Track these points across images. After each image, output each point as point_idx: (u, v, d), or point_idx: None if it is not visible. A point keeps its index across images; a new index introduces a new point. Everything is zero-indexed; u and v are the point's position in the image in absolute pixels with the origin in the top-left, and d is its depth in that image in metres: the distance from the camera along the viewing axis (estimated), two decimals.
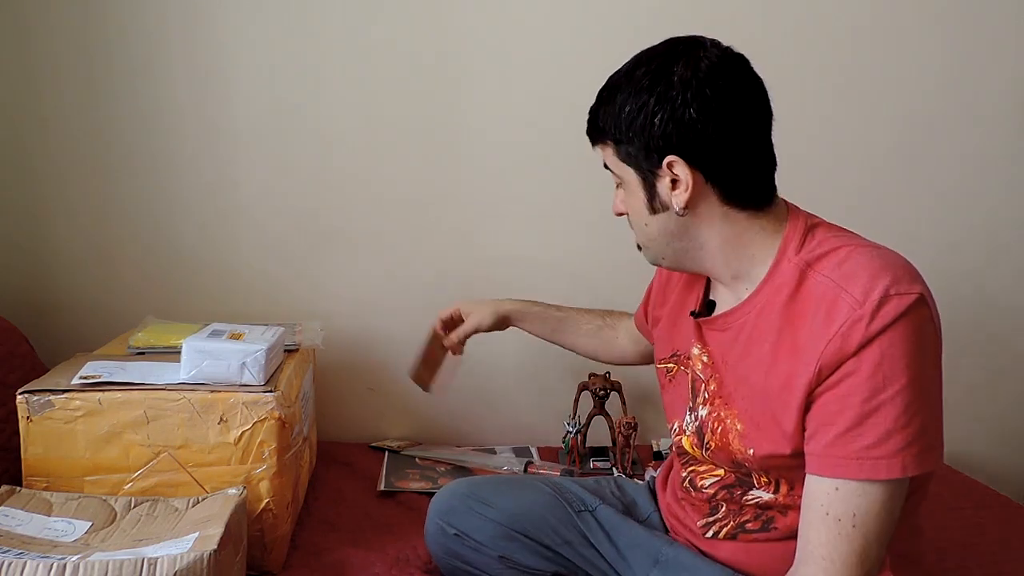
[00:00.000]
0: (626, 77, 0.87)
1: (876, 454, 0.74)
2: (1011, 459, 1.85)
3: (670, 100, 0.82)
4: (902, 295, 0.75)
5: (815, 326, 0.78)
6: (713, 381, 0.93)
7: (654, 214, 0.88)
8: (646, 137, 0.84)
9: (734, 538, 0.94)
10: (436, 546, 1.14)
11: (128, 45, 1.57)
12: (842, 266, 0.79)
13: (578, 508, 1.11)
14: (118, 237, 1.65)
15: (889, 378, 0.73)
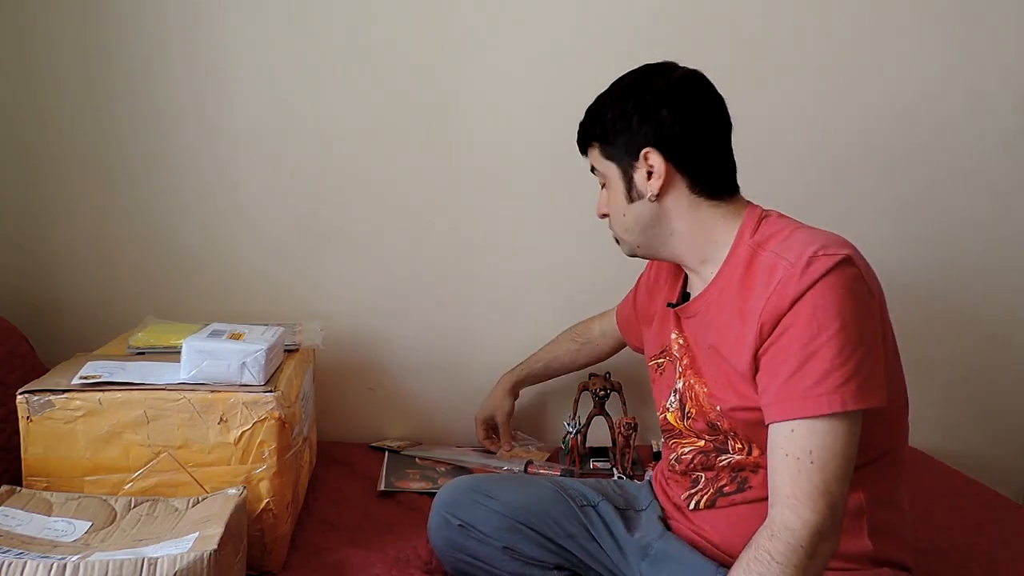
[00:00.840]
0: (609, 91, 1.05)
1: (818, 391, 0.82)
2: (1011, 459, 1.85)
3: (646, 103, 0.98)
4: (830, 255, 0.85)
5: (758, 289, 0.90)
6: (686, 357, 1.06)
7: (631, 203, 1.02)
8: (627, 134, 0.99)
9: (713, 505, 1.01)
10: (440, 539, 1.15)
11: (128, 45, 1.57)
12: (784, 242, 0.91)
13: (581, 503, 1.15)
14: (118, 237, 1.65)
15: (823, 324, 0.82)
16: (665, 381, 1.12)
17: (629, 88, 1.01)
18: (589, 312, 1.60)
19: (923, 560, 1.21)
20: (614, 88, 1.04)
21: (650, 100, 0.98)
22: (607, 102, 1.03)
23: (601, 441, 1.68)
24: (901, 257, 1.75)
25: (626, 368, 1.64)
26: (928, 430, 1.77)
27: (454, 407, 1.74)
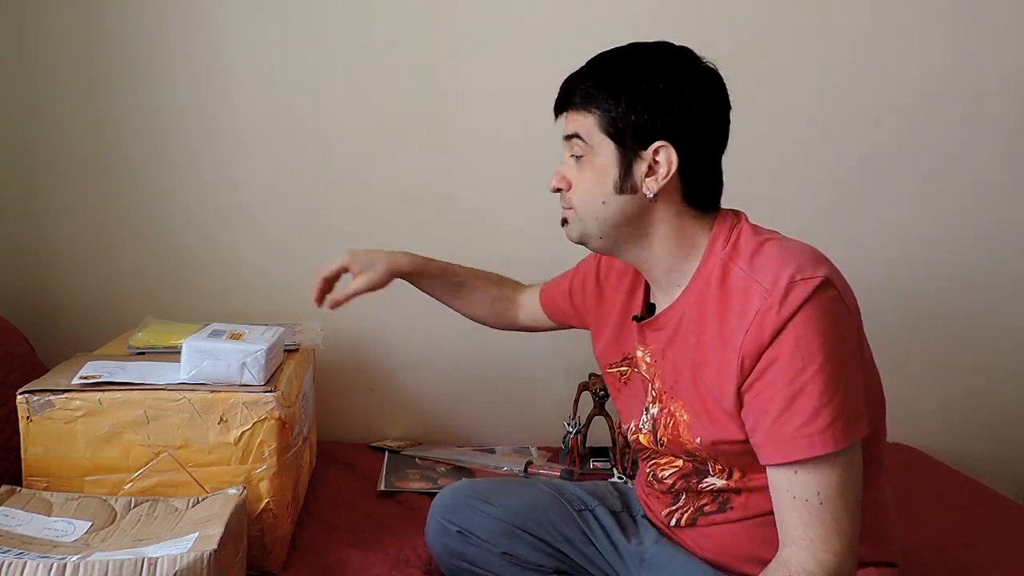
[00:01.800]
0: (628, 56, 0.89)
1: (808, 431, 0.78)
2: (1011, 459, 1.85)
3: (679, 89, 0.86)
4: (807, 279, 0.80)
5: (734, 317, 0.84)
6: (657, 379, 0.98)
7: (619, 194, 0.90)
8: (645, 116, 0.86)
9: (694, 524, 0.98)
10: (438, 545, 1.14)
11: (128, 45, 1.57)
12: (754, 259, 0.85)
13: (579, 507, 1.13)
14: (118, 237, 1.65)
15: (807, 359, 0.78)
16: (633, 395, 1.04)
17: (658, 64, 0.87)
18: None
19: (923, 560, 1.22)
20: (636, 56, 0.89)
21: (682, 88, 0.86)
22: (627, 69, 0.88)
23: (601, 441, 1.68)
24: (901, 257, 1.75)
25: None
26: (928, 430, 1.77)
27: (454, 407, 1.74)
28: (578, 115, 0.91)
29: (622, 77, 0.88)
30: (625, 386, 1.07)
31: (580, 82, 0.91)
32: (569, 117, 0.93)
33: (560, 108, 0.94)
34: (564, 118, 0.94)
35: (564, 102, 0.93)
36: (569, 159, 0.94)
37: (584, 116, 0.90)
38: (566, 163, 0.94)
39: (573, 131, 0.92)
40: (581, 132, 0.91)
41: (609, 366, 1.09)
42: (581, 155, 0.91)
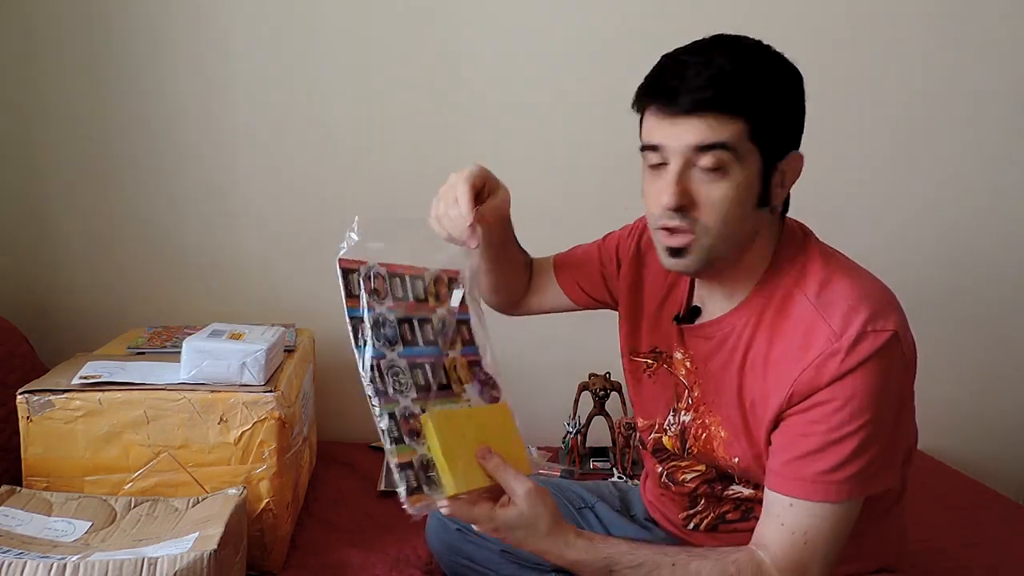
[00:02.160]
0: (767, 54, 0.80)
1: (829, 479, 0.77)
2: (1011, 459, 1.85)
3: (801, 92, 0.82)
4: (878, 332, 0.76)
5: (791, 349, 0.79)
6: (697, 387, 0.93)
7: (759, 207, 0.80)
8: (790, 124, 0.81)
9: (715, 529, 0.97)
10: (438, 543, 1.14)
11: (130, 46, 1.57)
12: (823, 292, 0.80)
13: (578, 505, 1.13)
14: (119, 237, 1.65)
15: (855, 413, 0.76)
16: (658, 392, 1.00)
17: (785, 62, 0.80)
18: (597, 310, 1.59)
19: (923, 560, 1.22)
20: (769, 52, 0.80)
21: (802, 89, 0.81)
22: (772, 67, 0.79)
23: (601, 441, 1.68)
24: (900, 257, 1.75)
25: None
26: (928, 430, 1.77)
27: None
28: (719, 120, 0.75)
29: (772, 77, 0.78)
30: (648, 379, 1.02)
31: (725, 81, 0.75)
32: (702, 122, 0.75)
33: (692, 109, 0.76)
34: (681, 122, 0.76)
35: (701, 102, 0.75)
36: (687, 171, 0.78)
37: (730, 121, 0.75)
38: (681, 173, 0.78)
39: (716, 139, 0.75)
40: (729, 141, 0.76)
41: (634, 354, 1.04)
42: (719, 168, 0.76)
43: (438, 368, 0.82)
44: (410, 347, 0.80)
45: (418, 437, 0.76)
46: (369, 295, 0.78)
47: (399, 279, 0.83)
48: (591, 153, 1.66)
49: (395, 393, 0.78)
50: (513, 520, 0.76)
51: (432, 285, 0.85)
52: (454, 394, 0.82)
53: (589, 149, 1.66)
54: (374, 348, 0.76)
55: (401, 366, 0.79)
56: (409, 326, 0.81)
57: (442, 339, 0.84)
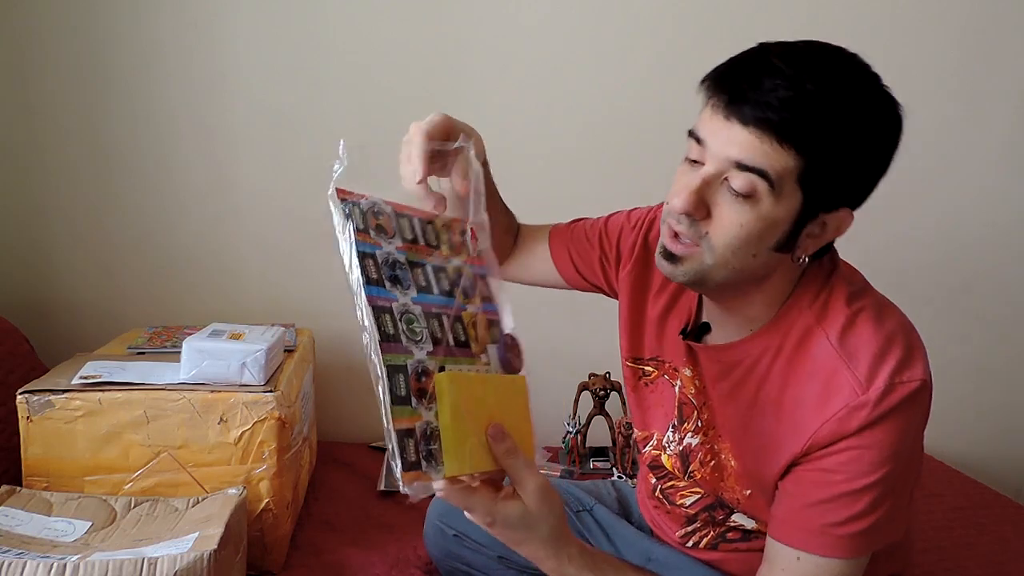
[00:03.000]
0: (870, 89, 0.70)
1: (838, 532, 0.72)
2: (1011, 459, 1.85)
3: (890, 149, 0.72)
4: (905, 383, 0.71)
5: (810, 396, 0.74)
6: (706, 410, 0.87)
7: (776, 251, 0.73)
8: (862, 180, 0.72)
9: (715, 548, 0.94)
10: (436, 548, 1.14)
11: (128, 46, 1.57)
12: (847, 336, 0.74)
13: (576, 508, 1.12)
14: (118, 237, 1.65)
15: (874, 466, 0.71)
16: (655, 403, 0.95)
17: (887, 122, 0.71)
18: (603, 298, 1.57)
19: (923, 560, 1.22)
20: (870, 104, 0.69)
21: (891, 146, 0.72)
22: (860, 119, 0.68)
23: (601, 441, 1.68)
24: (900, 257, 1.75)
25: None
26: (928, 430, 1.77)
27: None
28: (772, 147, 0.67)
29: (857, 124, 0.68)
30: (645, 388, 0.97)
31: (799, 110, 0.66)
32: (755, 140, 0.67)
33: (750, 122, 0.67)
34: (734, 129, 0.68)
35: (762, 121, 0.66)
36: (715, 182, 0.71)
37: (784, 154, 0.67)
38: (708, 182, 0.71)
39: (759, 165, 0.67)
40: (770, 172, 0.67)
41: (633, 360, 0.98)
42: (749, 194, 0.69)
43: (455, 321, 0.69)
44: (424, 293, 0.68)
45: (426, 400, 0.64)
46: (375, 231, 0.69)
47: (407, 219, 0.71)
48: (591, 153, 1.66)
49: (408, 343, 0.65)
50: (514, 517, 0.67)
51: (444, 231, 0.73)
52: (472, 354, 0.69)
53: (589, 149, 1.66)
54: (384, 289, 0.65)
55: (415, 313, 0.67)
56: (422, 271, 0.70)
57: (459, 291, 0.70)
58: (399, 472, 0.61)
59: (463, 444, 0.64)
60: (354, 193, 0.70)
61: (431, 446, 0.63)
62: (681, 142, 0.76)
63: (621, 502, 1.15)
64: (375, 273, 0.66)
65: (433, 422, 0.63)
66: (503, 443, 0.65)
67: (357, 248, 0.66)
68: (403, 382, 0.64)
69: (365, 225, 0.69)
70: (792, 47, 0.70)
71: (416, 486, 0.62)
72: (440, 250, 0.72)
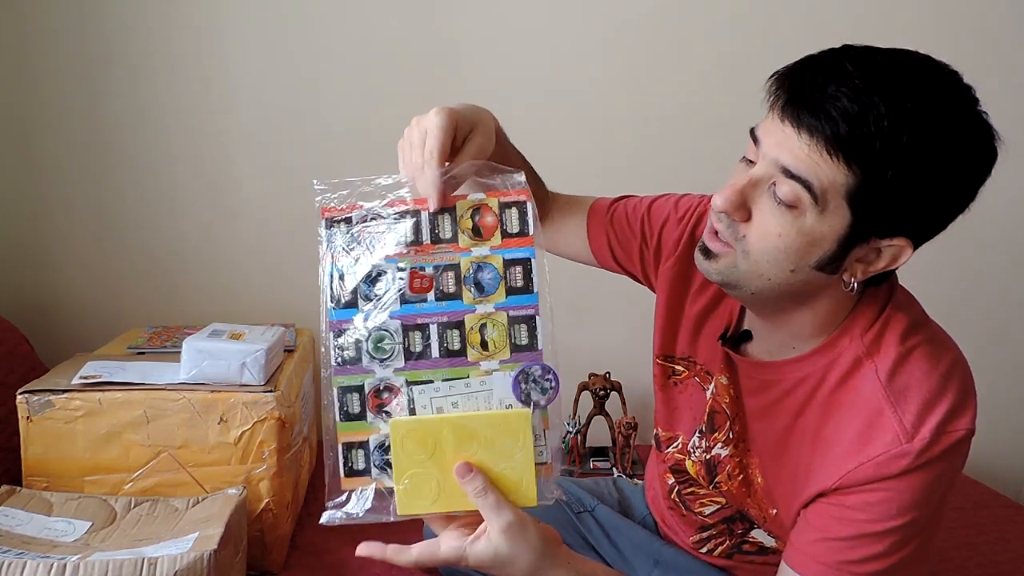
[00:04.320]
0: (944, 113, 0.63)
1: (855, 570, 0.70)
2: (1011, 459, 1.85)
3: (970, 183, 0.66)
4: (950, 433, 0.68)
5: (850, 434, 0.70)
6: (738, 422, 0.84)
7: (817, 270, 0.69)
8: (923, 204, 0.65)
9: (730, 557, 0.93)
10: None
11: (128, 45, 1.57)
12: (897, 374, 0.70)
13: (577, 509, 1.11)
14: (118, 237, 1.65)
15: (902, 510, 0.68)
16: (688, 405, 0.92)
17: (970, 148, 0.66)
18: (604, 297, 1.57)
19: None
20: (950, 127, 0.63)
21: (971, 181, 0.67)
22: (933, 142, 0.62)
23: (601, 441, 1.68)
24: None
25: (626, 368, 1.64)
26: None
27: None
28: (824, 158, 0.63)
29: (923, 142, 0.61)
30: (673, 388, 0.94)
31: (859, 125, 0.61)
32: (807, 147, 0.63)
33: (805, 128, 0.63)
34: (788, 133, 0.65)
35: (817, 128, 0.63)
36: (762, 185, 0.68)
37: (836, 167, 0.63)
38: (754, 184, 0.68)
39: (805, 174, 0.64)
40: (815, 183, 0.64)
41: (663, 357, 0.94)
42: (792, 204, 0.66)
43: (451, 328, 0.65)
44: (409, 304, 0.65)
45: (388, 415, 0.64)
46: (361, 245, 0.68)
47: (412, 217, 0.67)
48: (592, 154, 1.66)
49: (371, 362, 0.65)
50: (486, 558, 0.63)
51: (467, 216, 0.66)
52: (466, 363, 0.65)
53: (590, 150, 1.66)
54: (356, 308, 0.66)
55: (391, 329, 0.65)
56: (419, 276, 0.66)
57: (472, 289, 0.65)
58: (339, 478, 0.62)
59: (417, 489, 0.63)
60: (344, 208, 0.70)
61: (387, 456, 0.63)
62: (683, 141, 0.76)
63: (623, 501, 1.15)
64: (349, 295, 0.67)
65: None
66: (472, 483, 0.63)
67: (331, 271, 0.68)
68: (357, 400, 0.64)
69: (351, 242, 0.69)
70: (873, 53, 0.64)
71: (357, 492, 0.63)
72: (455, 242, 0.65)
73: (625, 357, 1.59)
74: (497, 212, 0.65)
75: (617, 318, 1.70)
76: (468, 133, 0.71)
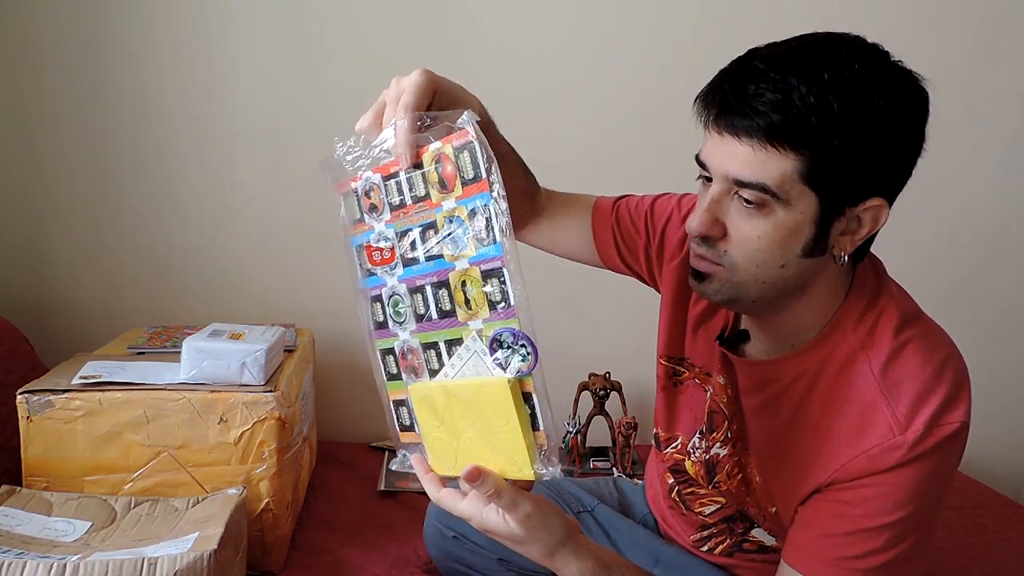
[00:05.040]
0: (862, 73, 0.63)
1: (854, 566, 0.71)
2: (1011, 459, 1.85)
3: (909, 125, 0.66)
4: (944, 426, 0.68)
5: (845, 427, 0.71)
6: (736, 421, 0.85)
7: (807, 257, 0.69)
8: (872, 165, 0.65)
9: (730, 555, 0.94)
10: (435, 549, 1.13)
11: (129, 46, 1.57)
12: (891, 367, 0.70)
13: (577, 509, 1.11)
14: (118, 237, 1.65)
15: (898, 504, 0.69)
16: (688, 406, 0.92)
17: (892, 85, 0.64)
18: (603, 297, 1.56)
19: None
20: (871, 84, 0.63)
21: (913, 122, 0.66)
22: (854, 96, 0.62)
23: (601, 441, 1.68)
24: (899, 256, 1.74)
25: (626, 368, 1.64)
26: None
27: None
28: (768, 152, 0.64)
29: (860, 108, 0.62)
30: (674, 389, 0.94)
31: (786, 110, 0.62)
32: (749, 150, 0.65)
33: (740, 132, 0.65)
34: (728, 143, 0.66)
35: (750, 129, 0.64)
36: (725, 200, 0.69)
37: (782, 157, 0.64)
38: (717, 201, 0.69)
39: (756, 179, 0.65)
40: (769, 183, 0.65)
41: (667, 358, 0.95)
42: (760, 204, 0.66)
43: (440, 288, 0.64)
44: (410, 266, 0.66)
45: (417, 375, 0.68)
46: (368, 214, 0.68)
47: (395, 181, 0.66)
48: (592, 154, 1.66)
49: (394, 325, 0.68)
50: (503, 532, 0.66)
51: (433, 170, 0.63)
52: (458, 323, 0.63)
53: (590, 150, 1.66)
54: (376, 276, 0.68)
55: (401, 293, 0.67)
56: (409, 239, 0.66)
57: (449, 245, 0.63)
58: (396, 432, 0.70)
59: (439, 452, 0.67)
60: (350, 180, 0.71)
61: None
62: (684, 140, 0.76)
63: (623, 501, 1.15)
64: (368, 263, 0.69)
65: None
66: (485, 485, 0.63)
67: (353, 243, 0.70)
68: (393, 362, 0.70)
69: (360, 212, 0.70)
70: (775, 46, 0.68)
71: (409, 446, 0.70)
72: (428, 198, 0.63)
73: (625, 357, 1.59)
74: (453, 159, 0.61)
75: (617, 318, 1.70)
76: (449, 105, 0.70)
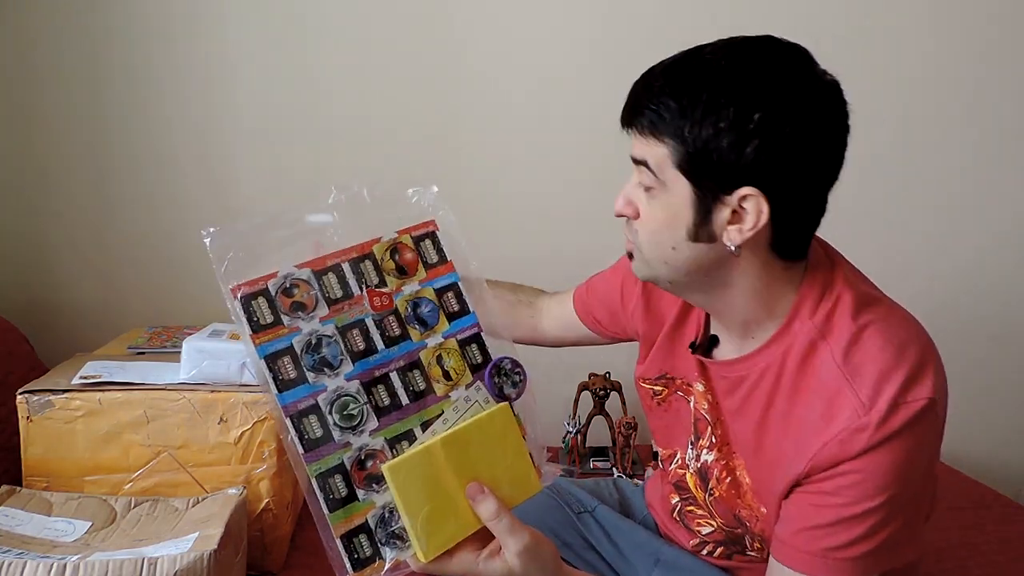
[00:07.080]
0: (722, 74, 0.69)
1: (841, 556, 0.71)
2: (1011, 459, 1.85)
3: (783, 122, 0.68)
4: (910, 403, 0.69)
5: (813, 416, 0.72)
6: (719, 426, 0.86)
7: (694, 241, 0.73)
8: (734, 154, 0.68)
9: (730, 558, 0.94)
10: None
11: (130, 45, 1.57)
12: (851, 352, 0.72)
13: (577, 510, 1.11)
14: (118, 237, 1.65)
15: (877, 490, 0.69)
16: (677, 420, 0.93)
17: (758, 81, 0.68)
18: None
19: (923, 560, 1.22)
20: (730, 66, 0.69)
21: (785, 119, 0.68)
22: (716, 91, 0.68)
23: (601, 441, 1.68)
24: (899, 256, 1.75)
25: (626, 368, 1.64)
26: None
27: None
28: (646, 139, 0.72)
29: (705, 97, 0.68)
30: (660, 408, 0.96)
31: (651, 98, 0.71)
32: (637, 136, 0.74)
33: (626, 122, 0.75)
34: (633, 134, 0.75)
35: (629, 118, 0.74)
36: (636, 184, 0.76)
37: (653, 143, 0.71)
38: (634, 185, 0.76)
39: (640, 157, 0.73)
40: (650, 162, 0.72)
41: (643, 380, 0.98)
42: (650, 187, 0.74)
43: (409, 371, 0.64)
44: (364, 360, 0.63)
45: (379, 484, 0.61)
46: (290, 315, 0.62)
47: (334, 273, 0.64)
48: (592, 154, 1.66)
49: (343, 434, 0.61)
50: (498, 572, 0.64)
51: (388, 258, 0.66)
52: (436, 398, 0.64)
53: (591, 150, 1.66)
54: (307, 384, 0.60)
55: (351, 392, 0.62)
56: (360, 330, 0.64)
57: (417, 326, 0.64)
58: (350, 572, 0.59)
59: (429, 528, 0.60)
60: (257, 279, 0.63)
61: (395, 526, 0.60)
62: None
63: (623, 501, 1.15)
64: (293, 371, 0.61)
65: (391, 502, 0.60)
66: (485, 505, 0.63)
67: (261, 354, 0.61)
68: (341, 482, 0.60)
69: (275, 315, 0.62)
70: (674, 57, 0.74)
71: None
72: (385, 287, 0.65)
73: (625, 357, 1.58)
74: (413, 247, 0.67)
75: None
76: None
